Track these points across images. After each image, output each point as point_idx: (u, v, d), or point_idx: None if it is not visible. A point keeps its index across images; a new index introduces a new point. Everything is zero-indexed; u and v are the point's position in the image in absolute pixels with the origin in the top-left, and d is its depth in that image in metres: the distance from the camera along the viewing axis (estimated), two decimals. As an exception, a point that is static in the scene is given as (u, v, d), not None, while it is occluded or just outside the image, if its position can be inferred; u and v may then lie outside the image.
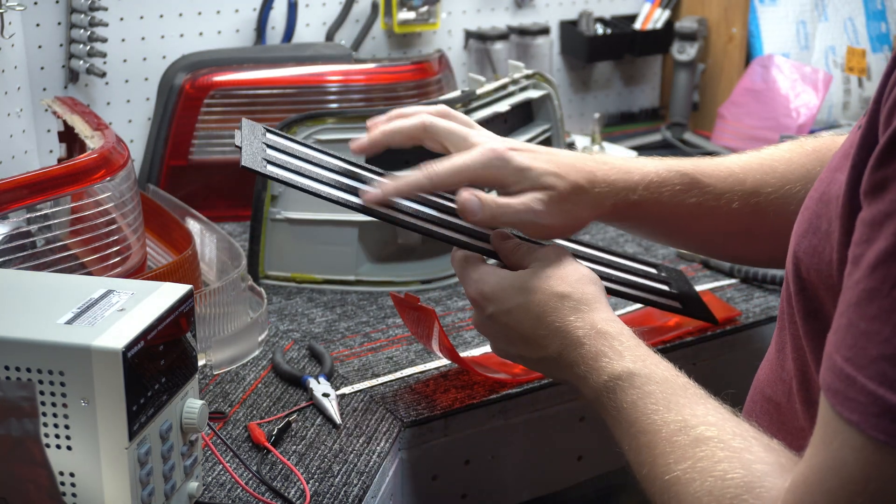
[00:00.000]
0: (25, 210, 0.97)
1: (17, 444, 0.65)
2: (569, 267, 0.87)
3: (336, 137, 1.24)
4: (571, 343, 0.83)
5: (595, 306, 0.84)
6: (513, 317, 0.86)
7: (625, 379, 0.77)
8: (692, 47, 1.89)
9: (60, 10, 1.46)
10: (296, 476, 0.89)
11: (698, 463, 0.67)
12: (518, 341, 0.87)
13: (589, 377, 0.80)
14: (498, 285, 0.87)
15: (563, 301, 0.84)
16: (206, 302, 1.05)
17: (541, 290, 0.85)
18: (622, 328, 0.83)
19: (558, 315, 0.84)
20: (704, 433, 0.69)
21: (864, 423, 0.54)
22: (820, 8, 1.88)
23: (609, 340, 0.81)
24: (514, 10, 1.87)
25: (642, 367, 0.77)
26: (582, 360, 0.81)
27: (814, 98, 1.74)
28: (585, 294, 0.85)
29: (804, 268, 0.70)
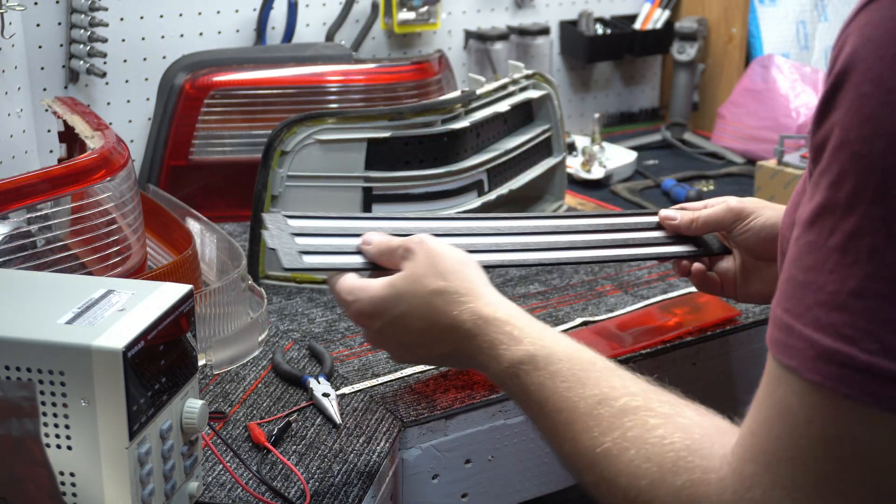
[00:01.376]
0: (26, 210, 0.97)
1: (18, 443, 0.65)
2: (438, 258, 0.84)
3: (336, 137, 1.24)
4: (463, 336, 0.81)
5: (475, 293, 0.82)
6: (400, 325, 0.84)
7: (527, 363, 0.76)
8: (692, 47, 1.89)
9: (60, 10, 1.46)
10: (296, 476, 0.89)
11: (629, 432, 0.67)
12: (414, 345, 0.85)
13: (490, 366, 0.79)
14: (374, 299, 0.84)
15: (441, 296, 0.82)
16: (206, 302, 1.05)
17: (416, 293, 0.83)
18: (510, 310, 0.81)
19: (442, 312, 0.82)
20: (630, 403, 0.69)
21: (803, 368, 0.56)
22: (820, 8, 1.88)
23: (500, 326, 0.79)
24: (514, 11, 1.87)
25: (541, 349, 0.76)
26: (479, 350, 0.80)
27: (813, 98, 1.74)
28: (462, 284, 0.82)
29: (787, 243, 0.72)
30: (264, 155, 1.24)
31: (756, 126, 1.78)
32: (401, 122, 1.24)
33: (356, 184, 1.25)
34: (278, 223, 0.92)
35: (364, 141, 1.24)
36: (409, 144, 1.25)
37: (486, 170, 1.32)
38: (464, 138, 1.29)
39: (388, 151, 1.25)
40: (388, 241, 0.88)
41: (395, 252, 0.86)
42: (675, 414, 0.68)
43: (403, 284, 0.83)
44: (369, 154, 1.24)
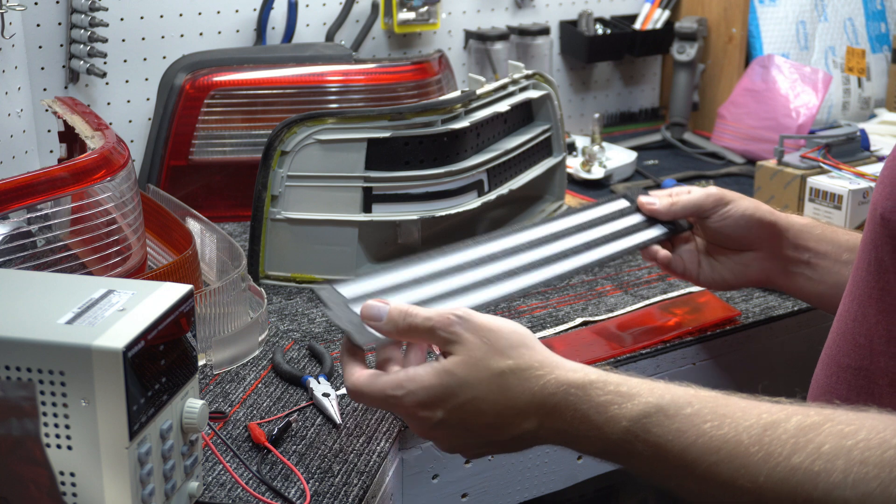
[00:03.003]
0: (26, 210, 0.97)
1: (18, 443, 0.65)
2: (491, 335, 0.78)
3: (336, 137, 1.24)
4: (552, 410, 0.76)
5: (551, 363, 0.77)
6: (469, 411, 0.77)
7: (654, 414, 0.72)
8: (692, 47, 1.89)
9: (61, 10, 1.46)
10: (296, 476, 0.89)
11: (823, 447, 0.65)
12: (483, 431, 0.79)
13: (598, 434, 0.74)
14: (431, 388, 0.77)
15: (513, 375, 0.76)
16: (207, 302, 1.05)
17: (482, 377, 0.77)
18: (598, 372, 0.77)
19: (519, 390, 0.76)
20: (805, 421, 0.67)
21: None
22: (819, 8, 1.88)
23: (602, 387, 0.75)
24: (514, 10, 1.87)
25: (661, 397, 0.73)
26: (581, 419, 0.75)
27: (813, 98, 1.74)
28: (532, 356, 0.77)
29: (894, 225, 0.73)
30: (264, 155, 1.24)
31: (756, 126, 1.78)
32: (401, 122, 1.24)
33: (356, 184, 1.25)
34: (332, 296, 0.87)
35: (364, 141, 1.24)
36: (409, 144, 1.25)
37: (486, 170, 1.32)
38: (464, 138, 1.29)
39: (388, 151, 1.25)
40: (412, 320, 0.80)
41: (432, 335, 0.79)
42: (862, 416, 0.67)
43: (463, 371, 0.77)
44: (369, 154, 1.24)
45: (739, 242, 1.09)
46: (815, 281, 1.07)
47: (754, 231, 1.07)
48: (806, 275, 1.07)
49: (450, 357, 0.78)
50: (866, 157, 1.45)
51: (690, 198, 1.09)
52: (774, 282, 1.10)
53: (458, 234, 1.35)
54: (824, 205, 1.36)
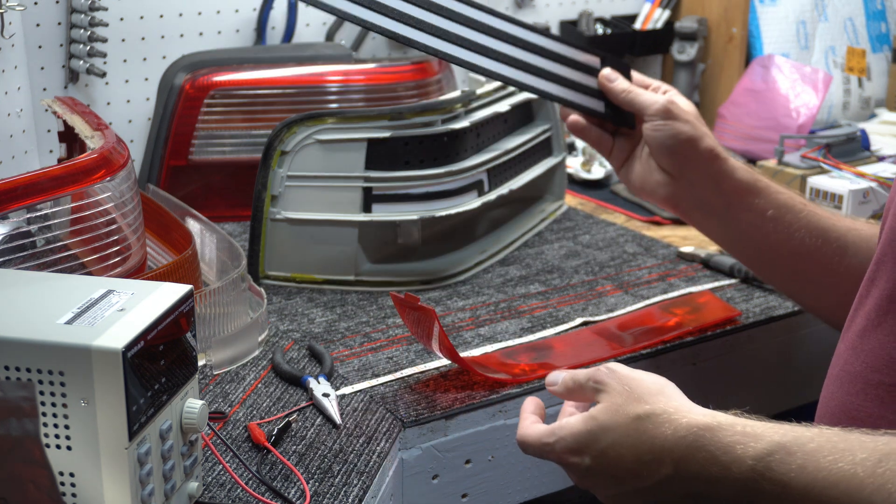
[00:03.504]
0: (25, 210, 0.97)
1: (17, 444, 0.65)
2: (633, 384, 0.83)
3: (336, 137, 1.24)
4: (685, 452, 0.78)
5: (684, 409, 0.80)
6: (610, 456, 0.81)
7: (777, 452, 0.73)
8: (692, 47, 1.89)
9: (60, 10, 1.46)
10: (296, 476, 0.89)
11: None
12: (627, 477, 0.81)
13: (726, 475, 0.75)
14: (578, 435, 0.83)
15: (648, 420, 0.80)
16: (206, 302, 1.05)
17: (620, 422, 0.81)
18: (726, 416, 0.79)
19: (653, 434, 0.79)
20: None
21: None
22: (820, 8, 1.88)
23: (729, 428, 0.77)
24: (514, 10, 1.87)
25: (784, 435, 0.74)
26: (710, 460, 0.76)
27: (814, 98, 1.74)
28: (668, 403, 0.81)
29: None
30: (264, 155, 1.24)
31: (756, 126, 1.78)
32: (401, 122, 1.24)
33: (356, 184, 1.25)
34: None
35: (364, 141, 1.24)
36: (409, 144, 1.25)
37: (486, 170, 1.32)
38: (464, 138, 1.29)
39: (388, 151, 1.25)
40: (575, 377, 0.87)
41: (585, 387, 0.86)
42: None
43: (605, 416, 0.82)
44: (369, 154, 1.24)
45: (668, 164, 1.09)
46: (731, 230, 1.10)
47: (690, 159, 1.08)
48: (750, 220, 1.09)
49: (596, 406, 0.83)
50: (867, 157, 1.45)
51: (639, 97, 1.10)
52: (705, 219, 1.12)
53: (459, 234, 1.35)
54: (825, 205, 1.35)
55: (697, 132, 1.08)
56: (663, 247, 1.41)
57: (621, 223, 1.50)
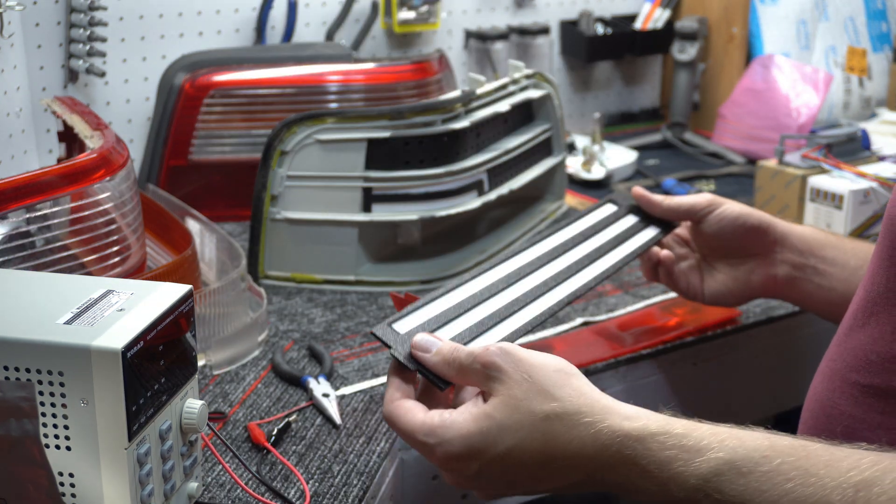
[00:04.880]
0: (25, 210, 0.97)
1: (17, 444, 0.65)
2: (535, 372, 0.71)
3: (336, 137, 1.24)
4: (605, 462, 0.69)
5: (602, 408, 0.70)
6: (509, 463, 0.71)
7: (726, 472, 0.65)
8: (692, 47, 1.89)
9: (60, 9, 1.46)
10: (296, 476, 0.88)
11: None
12: (527, 481, 0.73)
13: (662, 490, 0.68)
14: (468, 438, 0.71)
15: (559, 421, 0.70)
16: (206, 302, 1.05)
17: (523, 422, 0.70)
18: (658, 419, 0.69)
19: (567, 439, 0.69)
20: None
21: None
22: (820, 7, 1.88)
23: (663, 441, 0.68)
24: (514, 10, 1.87)
25: (733, 451, 0.66)
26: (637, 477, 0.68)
27: (814, 98, 1.74)
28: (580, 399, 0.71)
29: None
30: (264, 155, 1.24)
31: (756, 126, 1.78)
32: (401, 121, 1.24)
33: (356, 184, 1.25)
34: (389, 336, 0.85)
35: (364, 141, 1.24)
36: (409, 144, 1.25)
37: (487, 170, 1.32)
38: (464, 138, 1.28)
39: (388, 151, 1.25)
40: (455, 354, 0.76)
41: (469, 368, 0.74)
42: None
43: (503, 414, 0.70)
44: (369, 154, 1.24)
45: (737, 247, 1.08)
46: (826, 288, 1.04)
47: (751, 235, 1.07)
48: (815, 282, 1.05)
49: (490, 399, 0.72)
50: (867, 157, 1.45)
51: (683, 199, 1.10)
52: (781, 291, 1.08)
53: (459, 234, 1.35)
54: (825, 205, 1.35)
55: (745, 207, 1.08)
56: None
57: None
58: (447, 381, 0.78)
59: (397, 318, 0.88)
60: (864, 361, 0.80)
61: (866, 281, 0.83)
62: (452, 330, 0.89)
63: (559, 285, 1.01)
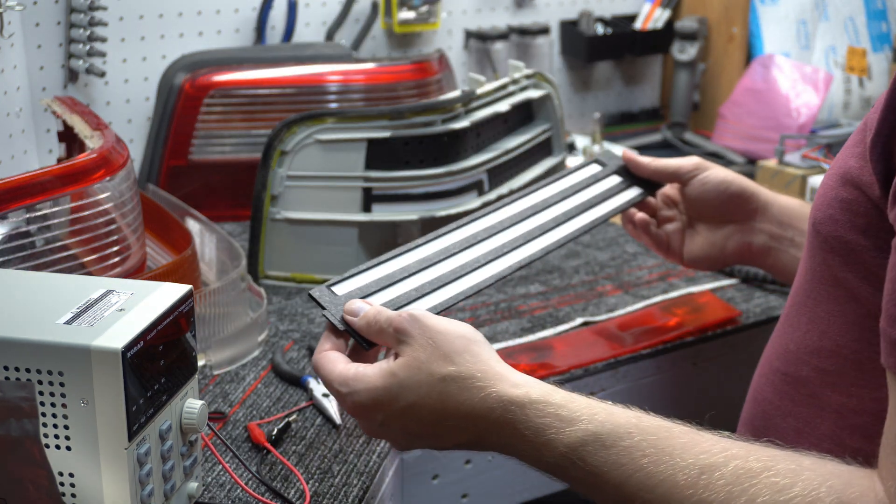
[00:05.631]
0: (25, 210, 0.97)
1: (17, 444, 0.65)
2: (439, 338, 0.77)
3: (336, 137, 1.24)
4: (491, 425, 0.74)
5: (494, 375, 0.75)
6: (408, 417, 0.77)
7: (591, 443, 0.70)
8: (692, 47, 1.89)
9: (60, 9, 1.46)
10: (295, 476, 0.88)
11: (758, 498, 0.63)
12: (425, 435, 0.79)
13: (538, 454, 0.73)
14: (374, 391, 0.77)
15: (454, 383, 0.75)
16: (206, 302, 1.05)
17: (423, 381, 0.75)
18: (543, 388, 0.74)
19: (459, 401, 0.75)
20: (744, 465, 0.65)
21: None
22: (820, 7, 1.88)
23: (541, 409, 0.72)
24: (514, 10, 1.87)
25: (601, 425, 0.71)
26: (519, 439, 0.73)
27: (814, 98, 1.74)
28: (476, 365, 0.75)
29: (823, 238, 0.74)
30: (264, 155, 1.24)
31: (757, 126, 1.78)
32: (401, 121, 1.24)
33: (356, 184, 1.25)
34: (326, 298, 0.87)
35: (364, 141, 1.24)
36: (409, 144, 1.25)
37: (487, 170, 1.32)
38: (464, 138, 1.28)
39: (388, 151, 1.25)
40: (378, 318, 0.81)
41: (385, 332, 0.80)
42: (798, 468, 0.65)
43: (406, 373, 0.76)
44: (369, 154, 1.24)
45: (718, 212, 1.09)
46: None
47: (733, 201, 1.08)
48: (790, 253, 1.06)
49: (398, 359, 0.78)
50: (867, 157, 1.45)
51: (670, 161, 1.11)
52: (756, 259, 1.10)
53: (459, 234, 1.35)
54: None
55: (731, 174, 1.09)
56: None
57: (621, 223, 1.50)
58: (372, 342, 0.83)
59: (338, 280, 0.89)
60: (783, 350, 0.84)
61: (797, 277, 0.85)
62: (389, 295, 0.89)
63: (515, 249, 0.99)
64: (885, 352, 0.62)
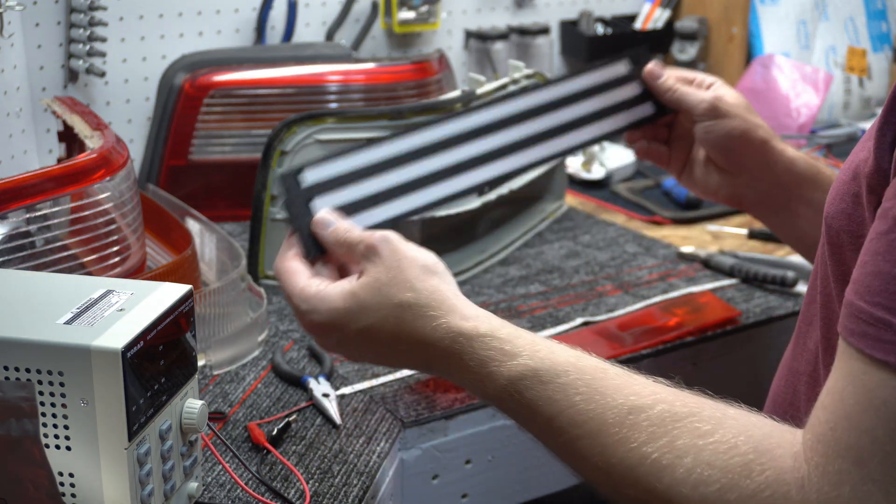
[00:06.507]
0: (25, 210, 0.97)
1: (17, 444, 0.65)
2: (404, 264, 0.79)
3: (336, 137, 1.24)
4: (440, 354, 0.76)
5: (447, 306, 0.77)
6: (364, 338, 0.79)
7: (529, 378, 0.72)
8: (693, 47, 1.89)
9: (60, 9, 1.46)
10: (295, 476, 0.88)
11: (678, 441, 0.65)
12: (380, 355, 0.81)
13: (480, 385, 0.75)
14: (333, 312, 0.79)
15: (410, 310, 0.77)
16: (206, 302, 1.05)
17: (382, 304, 0.78)
18: (492, 322, 0.76)
19: (412, 327, 0.77)
20: (669, 409, 0.67)
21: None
22: (820, 7, 1.88)
23: (486, 342, 0.75)
24: (514, 10, 1.87)
25: (541, 361, 0.73)
26: (464, 369, 0.75)
27: (814, 98, 1.74)
28: (432, 295, 0.77)
29: (835, 232, 0.73)
30: (264, 155, 1.24)
31: (756, 126, 1.78)
32: (401, 121, 1.24)
33: (356, 183, 1.24)
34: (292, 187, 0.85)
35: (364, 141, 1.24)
36: (409, 144, 1.25)
37: (487, 169, 1.32)
38: (464, 138, 1.28)
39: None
40: (348, 234, 0.82)
41: (354, 248, 0.81)
42: (723, 417, 0.66)
43: (367, 295, 0.78)
44: (369, 154, 1.24)
45: (725, 161, 1.06)
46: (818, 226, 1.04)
47: (745, 154, 1.04)
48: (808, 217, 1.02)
49: (360, 279, 0.79)
50: (867, 157, 1.45)
51: (686, 96, 1.07)
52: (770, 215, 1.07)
53: (459, 235, 1.35)
54: (825, 204, 1.35)
55: (748, 124, 1.04)
56: (663, 247, 1.41)
57: (621, 223, 1.50)
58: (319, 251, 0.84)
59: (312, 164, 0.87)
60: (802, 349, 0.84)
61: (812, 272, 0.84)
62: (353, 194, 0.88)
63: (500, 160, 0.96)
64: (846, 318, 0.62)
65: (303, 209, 0.86)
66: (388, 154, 0.91)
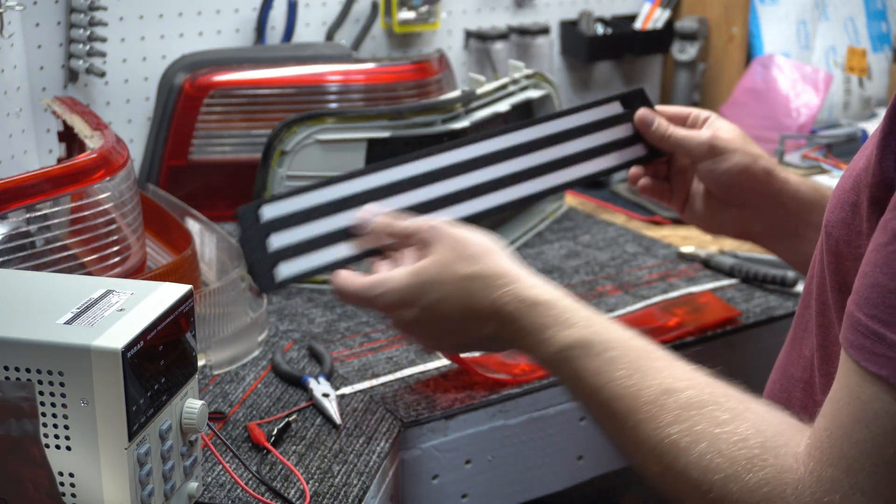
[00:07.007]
0: (25, 210, 0.97)
1: (17, 444, 0.65)
2: (463, 243, 0.84)
3: (336, 137, 1.24)
4: (505, 319, 0.81)
5: (513, 275, 0.82)
6: (437, 312, 0.84)
7: (579, 347, 0.76)
8: (692, 47, 1.89)
9: (60, 9, 1.46)
10: (295, 476, 0.88)
11: (696, 426, 0.68)
12: (453, 332, 0.86)
13: (537, 349, 0.80)
14: (403, 289, 0.84)
15: (477, 280, 0.82)
16: (206, 302, 1.05)
17: (449, 279, 0.83)
18: (554, 293, 0.81)
19: (481, 296, 0.82)
20: (697, 396, 0.70)
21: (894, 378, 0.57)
22: (820, 7, 1.88)
23: (547, 310, 0.79)
24: (514, 10, 1.87)
25: (595, 334, 0.77)
26: (524, 334, 0.80)
27: (814, 98, 1.74)
28: (497, 267, 0.83)
29: (834, 240, 0.73)
30: (264, 155, 1.24)
31: (757, 126, 1.78)
32: (401, 121, 1.24)
33: (356, 184, 1.24)
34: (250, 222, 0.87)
35: (364, 141, 1.24)
36: (409, 144, 1.25)
37: (487, 170, 1.32)
38: (464, 138, 1.28)
39: (388, 151, 1.25)
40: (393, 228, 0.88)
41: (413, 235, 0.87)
42: (743, 410, 0.68)
43: (433, 272, 0.84)
44: (369, 154, 1.24)
45: (729, 196, 1.05)
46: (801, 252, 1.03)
47: (749, 188, 1.03)
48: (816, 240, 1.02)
49: (424, 260, 0.85)
50: (867, 157, 1.45)
51: (683, 140, 1.06)
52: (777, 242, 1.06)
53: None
54: (825, 204, 1.35)
55: (749, 157, 1.03)
56: (663, 247, 1.41)
57: (621, 223, 1.50)
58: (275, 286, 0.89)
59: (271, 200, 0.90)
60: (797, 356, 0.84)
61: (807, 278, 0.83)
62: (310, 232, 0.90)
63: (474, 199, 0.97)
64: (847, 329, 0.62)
65: (259, 244, 0.88)
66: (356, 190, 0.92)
